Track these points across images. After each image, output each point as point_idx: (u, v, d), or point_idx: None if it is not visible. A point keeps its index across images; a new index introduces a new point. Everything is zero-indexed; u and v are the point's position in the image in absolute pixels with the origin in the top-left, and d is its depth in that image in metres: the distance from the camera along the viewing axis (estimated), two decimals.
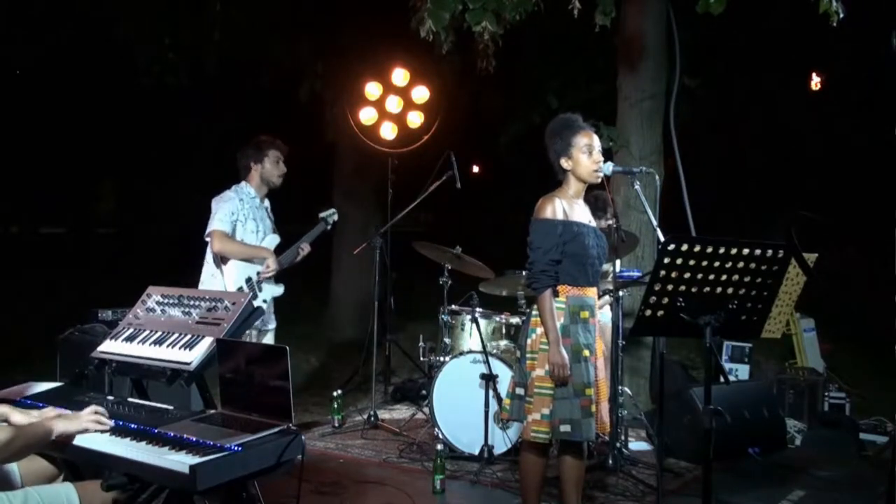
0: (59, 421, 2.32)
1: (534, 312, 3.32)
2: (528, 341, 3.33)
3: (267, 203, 4.52)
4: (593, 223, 3.43)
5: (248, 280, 4.28)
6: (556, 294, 3.26)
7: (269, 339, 4.41)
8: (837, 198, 11.85)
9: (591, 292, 3.36)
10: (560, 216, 3.26)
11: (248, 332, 3.87)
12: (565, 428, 3.21)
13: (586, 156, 3.30)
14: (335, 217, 4.85)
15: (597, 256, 3.34)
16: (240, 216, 4.29)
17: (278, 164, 4.43)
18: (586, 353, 3.26)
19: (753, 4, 7.15)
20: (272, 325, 4.47)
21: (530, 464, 3.37)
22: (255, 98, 10.63)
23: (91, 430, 2.33)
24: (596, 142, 3.34)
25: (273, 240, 4.43)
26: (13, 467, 2.36)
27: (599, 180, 3.37)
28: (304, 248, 4.54)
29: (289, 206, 4.33)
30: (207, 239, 4.27)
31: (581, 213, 3.36)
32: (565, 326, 3.26)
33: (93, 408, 2.40)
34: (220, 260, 4.26)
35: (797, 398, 5.41)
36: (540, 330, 3.27)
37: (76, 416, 2.36)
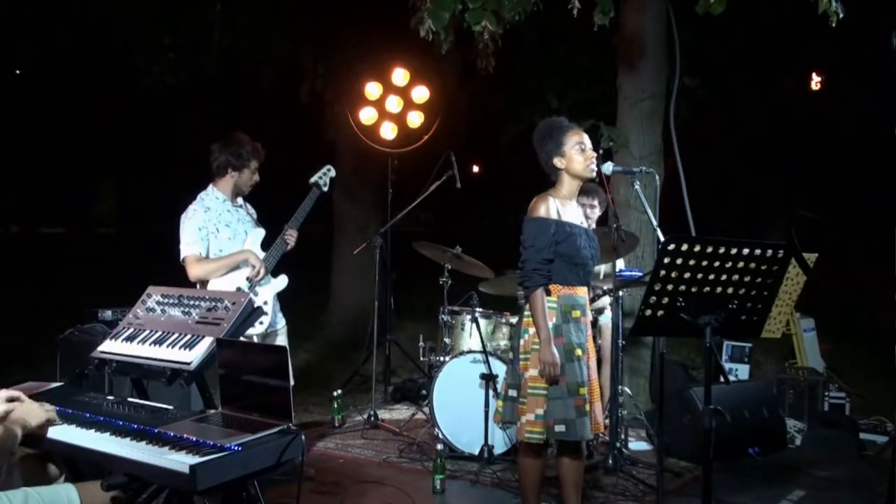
0: (24, 418, 2.29)
1: (526, 313, 3.33)
2: (521, 342, 3.34)
3: (241, 200, 4.16)
4: (585, 224, 3.44)
5: (238, 290, 3.88)
6: (547, 293, 3.26)
7: (280, 340, 4.08)
8: (837, 198, 11.84)
9: (582, 291, 3.37)
10: (553, 215, 3.27)
11: (252, 336, 3.72)
12: (560, 428, 3.22)
13: (579, 153, 3.32)
14: (331, 173, 4.39)
15: (589, 257, 3.36)
16: (209, 227, 3.94)
17: (254, 175, 4.12)
18: (579, 352, 3.27)
19: (754, 4, 7.15)
20: (280, 325, 4.12)
21: (528, 464, 3.37)
22: (255, 98, 10.63)
23: (54, 420, 2.35)
24: (586, 139, 3.37)
25: (258, 235, 4.07)
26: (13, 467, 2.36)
27: (594, 175, 3.39)
28: (291, 236, 4.11)
29: (288, 206, 4.24)
30: (183, 263, 3.93)
31: (573, 214, 3.37)
32: (557, 326, 3.27)
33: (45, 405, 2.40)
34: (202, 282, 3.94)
35: (797, 398, 5.41)
36: (532, 330, 3.27)
37: (35, 406, 2.35)
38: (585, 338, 3.34)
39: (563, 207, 3.32)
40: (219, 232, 3.97)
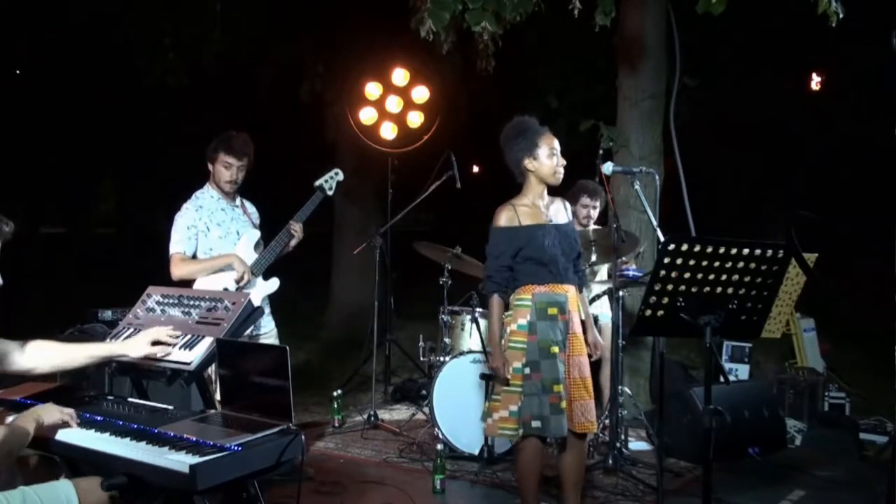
0: (40, 414, 2.33)
1: (507, 313, 3.40)
2: (501, 341, 3.41)
3: (239, 200, 4.05)
4: (564, 220, 3.46)
5: (225, 290, 3.65)
6: (508, 296, 3.38)
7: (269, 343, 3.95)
8: (838, 198, 11.85)
9: (562, 289, 3.38)
10: (511, 223, 3.36)
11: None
12: (536, 424, 3.26)
13: (551, 159, 3.38)
14: (339, 177, 4.28)
15: (561, 254, 3.37)
16: (200, 226, 3.84)
17: (227, 170, 3.89)
18: (555, 349, 3.29)
19: (753, 4, 7.15)
20: (269, 328, 3.98)
21: (526, 464, 3.38)
22: (255, 98, 10.63)
23: (69, 422, 2.37)
24: (557, 145, 3.43)
25: (252, 237, 3.96)
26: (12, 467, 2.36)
27: (559, 182, 3.45)
28: (296, 230, 4.01)
29: (287, 207, 4.21)
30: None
31: (540, 215, 3.39)
32: (532, 323, 3.32)
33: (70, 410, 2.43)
34: (188, 281, 3.79)
35: (797, 398, 5.40)
36: (510, 328, 3.35)
37: (54, 407, 2.39)
38: (565, 335, 3.36)
39: (528, 211, 3.38)
40: (209, 231, 3.88)
